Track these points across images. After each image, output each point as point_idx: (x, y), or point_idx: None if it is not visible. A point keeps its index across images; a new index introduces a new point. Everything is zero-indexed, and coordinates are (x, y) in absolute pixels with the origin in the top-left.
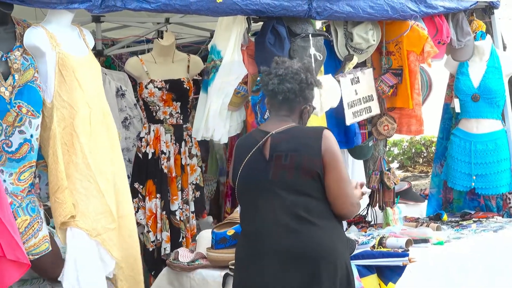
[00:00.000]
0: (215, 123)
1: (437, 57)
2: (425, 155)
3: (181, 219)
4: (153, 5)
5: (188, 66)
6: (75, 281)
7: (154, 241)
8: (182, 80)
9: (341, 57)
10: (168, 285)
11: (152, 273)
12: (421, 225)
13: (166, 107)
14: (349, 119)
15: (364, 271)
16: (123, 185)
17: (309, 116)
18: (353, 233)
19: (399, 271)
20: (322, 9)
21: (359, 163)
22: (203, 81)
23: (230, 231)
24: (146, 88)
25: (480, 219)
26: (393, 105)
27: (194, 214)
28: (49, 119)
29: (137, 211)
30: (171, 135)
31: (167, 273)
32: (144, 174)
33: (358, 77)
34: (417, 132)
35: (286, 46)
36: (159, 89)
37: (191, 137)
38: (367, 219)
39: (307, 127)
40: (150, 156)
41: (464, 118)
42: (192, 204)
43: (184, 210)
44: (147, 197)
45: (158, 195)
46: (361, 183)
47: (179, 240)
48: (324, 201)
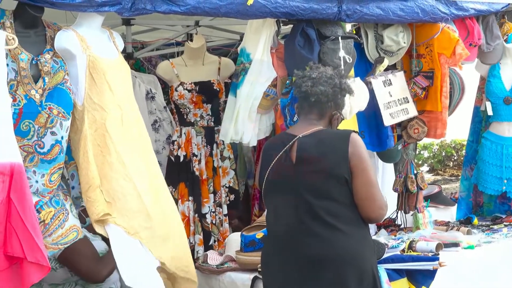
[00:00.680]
0: (244, 126)
1: (469, 59)
2: (455, 158)
3: (213, 222)
4: (183, 8)
5: (218, 68)
6: (130, 272)
7: None
8: (212, 82)
9: (371, 60)
10: None
11: None
12: (452, 229)
13: (196, 109)
14: (387, 120)
15: (394, 275)
16: (161, 185)
17: (339, 123)
18: (382, 237)
19: (431, 275)
20: (352, 11)
21: (390, 166)
22: (232, 84)
23: (259, 234)
24: (176, 90)
25: (511, 223)
26: (423, 108)
27: (227, 217)
28: (80, 121)
29: None
30: (202, 137)
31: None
32: (176, 177)
33: (390, 80)
34: (441, 135)
35: (315, 48)
36: (189, 91)
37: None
38: (396, 223)
39: (334, 131)
40: (182, 159)
41: (495, 121)
42: (225, 207)
43: (216, 213)
44: (180, 200)
45: (190, 198)
46: None
47: (210, 243)
48: (350, 206)
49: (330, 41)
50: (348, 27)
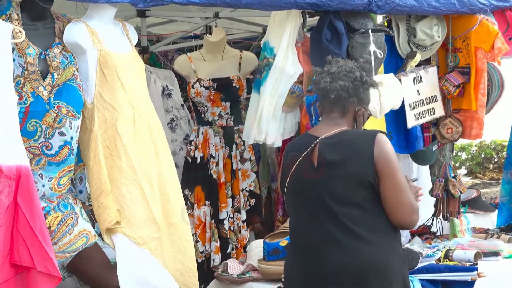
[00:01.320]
0: (268, 126)
1: (508, 54)
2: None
3: (231, 228)
4: None
5: (239, 63)
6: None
7: (203, 252)
8: (231, 78)
9: (402, 55)
10: None
11: (201, 286)
12: (491, 237)
13: (214, 107)
14: (411, 122)
15: (428, 286)
16: (173, 190)
17: (365, 121)
18: (416, 245)
19: (469, 287)
20: (383, 2)
21: (425, 169)
22: (255, 80)
23: (283, 242)
24: (193, 87)
25: None
26: (459, 106)
27: (245, 223)
28: (90, 120)
29: None
30: (220, 138)
31: (215, 286)
32: (192, 179)
33: (420, 76)
34: (477, 136)
35: (344, 42)
36: (206, 88)
37: (243, 140)
38: (432, 230)
39: (359, 131)
40: (198, 160)
41: None
42: (243, 212)
43: (235, 219)
44: (196, 205)
45: (207, 203)
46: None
47: (228, 251)
48: (377, 213)
49: (359, 35)
50: (379, 19)
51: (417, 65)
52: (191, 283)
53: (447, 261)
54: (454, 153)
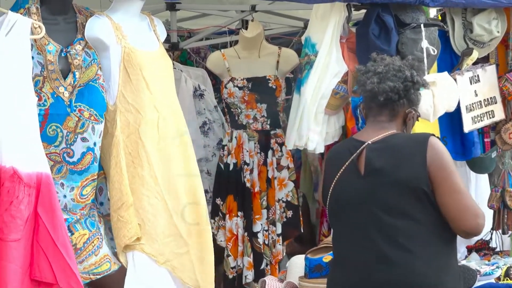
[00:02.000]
0: (309, 130)
1: None
2: None
3: (266, 242)
4: None
5: (277, 61)
6: None
7: (234, 267)
8: (267, 77)
9: (458, 52)
10: None
11: None
12: None
13: (249, 109)
14: (468, 125)
15: None
16: (201, 198)
17: (414, 123)
18: (474, 262)
19: None
20: None
21: (484, 178)
22: (296, 80)
23: (326, 257)
24: (225, 87)
25: None
26: None
27: (280, 237)
28: (111, 123)
29: (217, 231)
30: (255, 143)
31: None
32: (225, 188)
33: (478, 75)
34: None
35: (393, 38)
36: (240, 88)
37: (280, 145)
38: (490, 245)
39: (409, 135)
40: (231, 167)
41: None
42: (279, 225)
43: (270, 232)
44: (227, 215)
45: (239, 213)
46: None
47: (262, 267)
48: (431, 225)
49: (410, 30)
50: (432, 12)
51: (474, 63)
52: None
53: (507, 280)
54: None
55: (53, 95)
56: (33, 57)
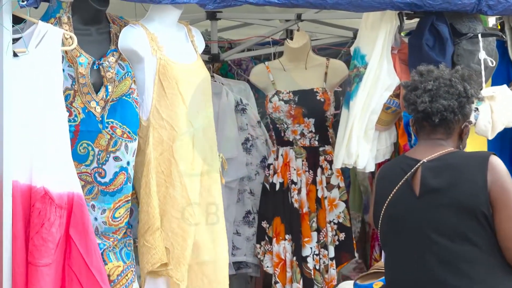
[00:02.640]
0: (359, 147)
1: None
2: None
3: (316, 267)
4: None
5: (325, 73)
6: None
7: None
8: (315, 90)
9: None
10: None
11: None
12: None
13: (295, 125)
14: None
15: None
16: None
17: (468, 136)
18: None
19: None
20: (495, 1)
21: None
22: (345, 94)
23: (377, 284)
24: (270, 101)
25: None
26: None
27: (333, 261)
28: (144, 140)
29: (263, 256)
30: (303, 160)
31: None
32: (271, 210)
33: None
34: None
35: (448, 49)
36: (286, 102)
37: (330, 163)
38: None
39: (467, 153)
40: (278, 187)
41: None
42: (331, 248)
43: (321, 256)
44: (274, 239)
45: (287, 237)
46: None
47: None
48: (492, 250)
49: (466, 40)
50: (491, 21)
51: None
52: None
53: None
54: None
55: (84, 110)
56: (63, 70)
